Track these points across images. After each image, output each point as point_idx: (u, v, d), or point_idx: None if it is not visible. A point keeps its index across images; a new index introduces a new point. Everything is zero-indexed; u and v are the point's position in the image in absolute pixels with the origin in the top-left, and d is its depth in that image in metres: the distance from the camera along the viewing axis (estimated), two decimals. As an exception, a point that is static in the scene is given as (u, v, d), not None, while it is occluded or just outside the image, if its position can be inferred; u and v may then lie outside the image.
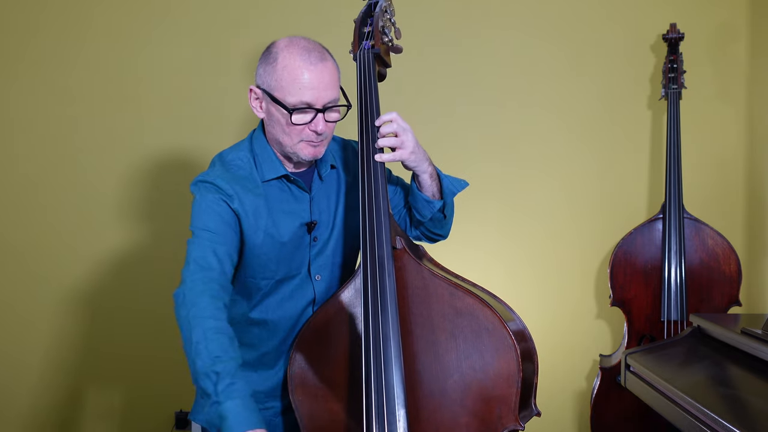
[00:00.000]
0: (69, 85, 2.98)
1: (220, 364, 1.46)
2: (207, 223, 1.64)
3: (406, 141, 1.71)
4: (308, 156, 1.70)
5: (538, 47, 2.97)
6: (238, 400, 1.43)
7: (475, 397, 1.58)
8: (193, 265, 1.59)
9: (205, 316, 1.52)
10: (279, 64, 1.64)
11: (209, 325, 1.51)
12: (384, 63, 1.82)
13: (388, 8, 1.82)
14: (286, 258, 1.75)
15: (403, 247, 1.67)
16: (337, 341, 1.69)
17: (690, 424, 1.79)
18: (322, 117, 1.66)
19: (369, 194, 1.68)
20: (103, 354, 3.00)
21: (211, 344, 1.48)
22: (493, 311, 1.59)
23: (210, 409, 1.44)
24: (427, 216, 1.84)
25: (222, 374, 1.44)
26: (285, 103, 1.64)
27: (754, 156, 2.92)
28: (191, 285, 1.57)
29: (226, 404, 1.42)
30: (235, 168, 1.72)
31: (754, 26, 2.91)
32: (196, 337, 1.50)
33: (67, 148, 2.99)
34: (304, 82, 1.63)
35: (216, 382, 1.44)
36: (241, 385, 1.46)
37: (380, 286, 1.61)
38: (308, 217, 1.77)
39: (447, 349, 1.60)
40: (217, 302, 1.56)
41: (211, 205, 1.66)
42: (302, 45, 1.66)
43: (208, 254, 1.61)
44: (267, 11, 2.96)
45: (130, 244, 2.98)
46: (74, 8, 2.97)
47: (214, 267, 1.60)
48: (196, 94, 2.96)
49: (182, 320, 1.54)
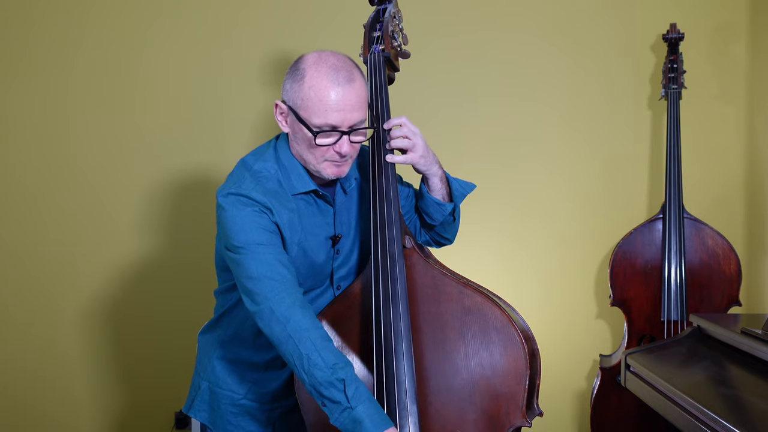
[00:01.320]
0: (68, 89, 2.96)
1: (340, 371, 1.49)
2: (257, 237, 1.61)
3: (417, 144, 1.73)
4: (331, 175, 1.69)
5: (538, 47, 2.97)
6: (368, 402, 1.49)
7: (483, 394, 1.60)
8: (266, 281, 1.58)
9: (306, 328, 1.54)
10: (306, 83, 1.61)
11: (314, 335, 1.53)
12: (393, 67, 1.85)
13: (397, 14, 1.86)
14: (314, 272, 1.76)
15: (412, 246, 1.70)
16: (347, 337, 1.71)
17: (690, 424, 1.80)
18: (347, 139, 1.63)
19: (380, 192, 1.70)
20: (104, 355, 3.00)
21: (325, 353, 1.51)
22: (501, 309, 1.62)
23: (342, 415, 1.48)
24: (439, 219, 1.85)
25: (347, 380, 1.49)
26: (310, 124, 1.62)
27: (754, 156, 2.92)
28: (277, 300, 1.56)
29: (359, 409, 1.47)
30: (264, 180, 1.69)
31: (754, 26, 2.91)
32: (305, 350, 1.51)
33: (67, 152, 2.97)
34: (331, 104, 1.59)
35: (343, 389, 1.48)
36: (364, 388, 1.51)
37: (391, 283, 1.64)
38: (332, 231, 1.77)
39: (456, 346, 1.62)
40: (309, 311, 1.58)
41: (254, 219, 1.62)
42: (330, 63, 1.62)
43: (276, 266, 1.59)
44: (272, 13, 2.95)
45: (131, 248, 2.98)
46: (72, 11, 2.95)
47: (288, 277, 1.60)
48: (199, 96, 2.95)
49: (280, 336, 1.55)
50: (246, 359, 1.82)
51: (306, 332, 1.53)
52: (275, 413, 1.84)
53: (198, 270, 2.87)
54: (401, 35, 1.87)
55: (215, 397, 1.84)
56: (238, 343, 1.83)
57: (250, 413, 1.83)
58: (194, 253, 2.91)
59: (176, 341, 2.92)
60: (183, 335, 2.85)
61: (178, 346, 2.90)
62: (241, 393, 1.82)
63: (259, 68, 2.94)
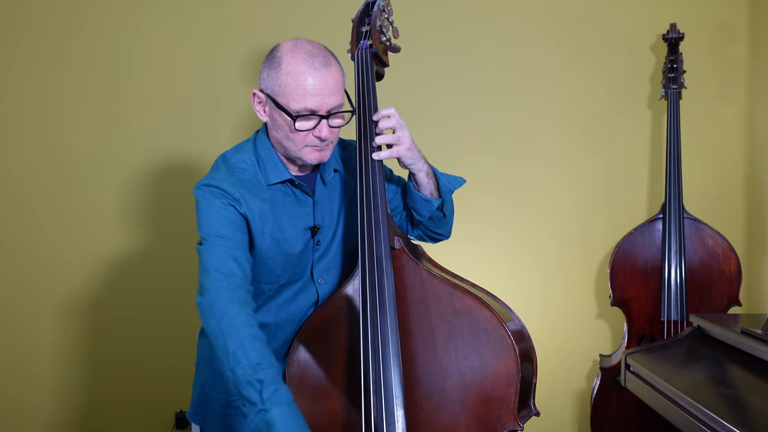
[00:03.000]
0: (62, 86, 2.96)
1: (262, 371, 1.46)
2: (219, 229, 1.62)
3: (403, 137, 1.70)
4: (313, 160, 1.69)
5: (538, 47, 2.97)
6: (284, 406, 1.45)
7: (474, 398, 1.57)
8: (214, 273, 1.58)
9: (238, 325, 1.51)
10: (283, 70, 1.62)
11: (244, 333, 1.50)
12: (382, 62, 1.81)
13: (386, 7, 1.81)
14: (291, 263, 1.74)
15: (401, 247, 1.66)
16: (336, 342, 1.68)
17: (690, 424, 1.79)
18: (326, 123, 1.64)
19: (367, 194, 1.67)
20: (103, 355, 3.00)
21: (250, 352, 1.48)
22: (491, 311, 1.58)
23: (256, 417, 1.45)
24: (426, 215, 1.83)
25: (266, 382, 1.45)
26: (289, 110, 1.62)
27: (754, 156, 2.92)
28: (217, 294, 1.55)
29: (273, 411, 1.43)
30: (239, 171, 1.70)
31: (754, 26, 2.91)
32: (232, 346, 1.49)
33: (60, 150, 2.97)
34: (308, 89, 1.61)
35: (261, 390, 1.45)
36: (284, 391, 1.47)
37: (379, 287, 1.60)
38: (312, 221, 1.76)
39: (446, 349, 1.59)
40: (247, 309, 1.55)
41: (220, 211, 1.64)
42: (306, 49, 1.63)
43: (227, 260, 1.59)
44: (264, 10, 2.95)
45: (128, 247, 2.98)
46: (66, 8, 2.95)
47: (236, 273, 1.59)
48: (191, 93, 2.95)
49: (213, 330, 1.53)
50: None
51: (236, 329, 1.50)
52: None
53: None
54: (391, 29, 1.82)
55: (209, 399, 1.84)
56: None
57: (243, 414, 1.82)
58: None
59: (177, 341, 2.92)
60: (183, 335, 2.84)
61: (179, 345, 2.90)
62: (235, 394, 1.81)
63: (249, 64, 2.93)
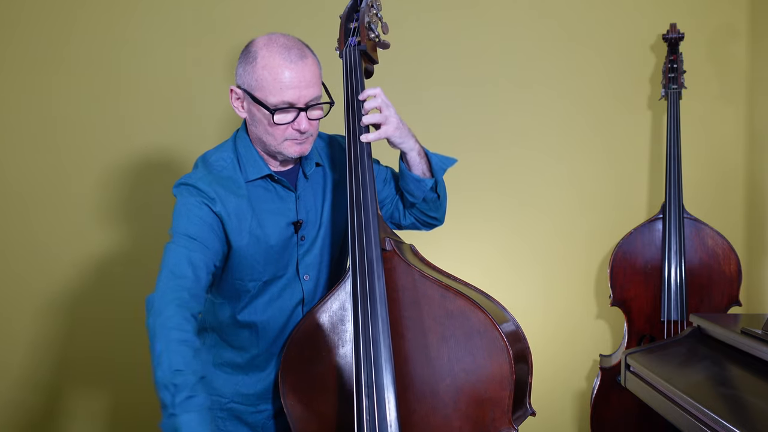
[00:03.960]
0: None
1: (180, 377, 1.43)
2: (187, 228, 1.62)
3: (390, 116, 1.70)
4: (294, 154, 1.68)
5: (538, 47, 2.97)
6: (194, 413, 1.42)
7: (467, 400, 1.56)
8: (165, 272, 1.57)
9: (170, 327, 1.48)
10: (258, 64, 1.62)
11: (173, 336, 1.48)
12: (371, 59, 1.80)
13: (375, 2, 1.78)
14: (273, 258, 1.73)
15: (392, 248, 1.64)
16: (328, 345, 1.67)
17: (690, 424, 1.79)
18: (304, 116, 1.64)
19: (357, 194, 1.66)
20: (103, 355, 3.00)
21: (173, 356, 1.45)
22: (484, 313, 1.56)
23: (166, 420, 1.43)
24: (420, 196, 1.82)
25: (180, 387, 1.42)
26: (266, 104, 1.62)
27: (754, 156, 2.92)
28: (161, 293, 1.54)
29: (181, 417, 1.41)
30: (218, 169, 1.70)
31: (754, 26, 2.91)
32: (159, 347, 1.47)
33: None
34: (285, 82, 1.60)
35: (174, 394, 1.42)
36: (200, 399, 1.44)
37: (370, 289, 1.59)
38: (294, 216, 1.75)
39: (438, 352, 1.58)
40: (184, 312, 1.51)
41: (192, 209, 1.64)
42: (281, 42, 1.63)
43: (182, 262, 1.57)
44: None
45: (120, 245, 2.96)
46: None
47: (187, 275, 1.56)
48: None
49: (149, 328, 1.51)
50: (229, 361, 1.81)
51: (168, 330, 1.48)
52: (262, 416, 1.82)
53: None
54: (380, 25, 1.79)
55: None
56: (220, 345, 1.82)
57: (238, 417, 1.81)
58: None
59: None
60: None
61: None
62: (227, 396, 1.81)
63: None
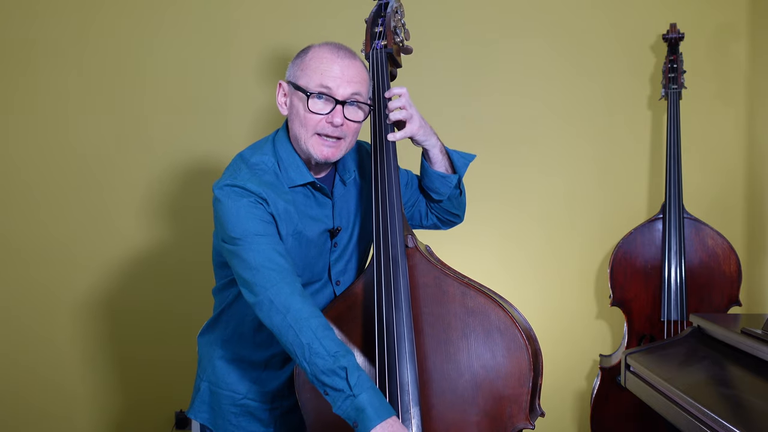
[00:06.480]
0: (70, 87, 2.97)
1: (342, 358, 1.49)
2: (255, 227, 1.61)
3: (414, 115, 1.75)
4: (320, 155, 1.69)
5: (538, 47, 2.97)
6: (371, 390, 1.47)
7: (486, 396, 1.59)
8: (264, 270, 1.57)
9: (306, 317, 1.53)
10: (308, 56, 1.69)
11: (315, 324, 1.52)
12: (395, 63, 1.85)
13: (399, 9, 1.85)
14: (310, 263, 1.75)
15: (414, 245, 1.68)
16: (349, 338, 1.70)
17: (690, 424, 1.79)
18: (340, 109, 1.66)
19: (383, 191, 1.70)
20: (104, 354, 3.00)
21: (326, 341, 1.50)
22: (504, 311, 1.60)
23: (344, 403, 1.47)
24: (446, 193, 1.86)
25: (350, 368, 1.48)
26: (305, 88, 1.65)
27: (753, 156, 2.92)
28: (275, 290, 1.55)
29: (361, 396, 1.46)
30: (260, 172, 1.70)
31: (754, 26, 2.91)
32: (306, 339, 1.50)
33: (69, 151, 2.97)
34: (327, 70, 1.65)
35: (347, 377, 1.47)
36: (366, 375, 1.50)
37: (394, 284, 1.63)
38: (332, 224, 1.77)
39: (459, 348, 1.61)
40: (308, 300, 1.57)
41: (250, 210, 1.62)
42: (335, 44, 1.71)
43: (273, 256, 1.59)
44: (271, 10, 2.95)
45: (131, 246, 2.98)
46: (75, 10, 2.95)
47: (285, 267, 1.59)
48: (201, 93, 2.96)
49: (281, 326, 1.54)
50: (246, 357, 1.82)
51: (306, 321, 1.52)
52: (276, 413, 1.83)
53: (200, 267, 2.86)
54: (403, 30, 1.86)
55: (216, 398, 1.84)
56: (238, 341, 1.83)
57: (251, 413, 1.83)
58: (196, 250, 2.91)
59: (177, 340, 2.92)
60: (184, 334, 2.85)
61: (179, 345, 2.90)
62: (241, 392, 1.82)
63: (261, 65, 2.94)
